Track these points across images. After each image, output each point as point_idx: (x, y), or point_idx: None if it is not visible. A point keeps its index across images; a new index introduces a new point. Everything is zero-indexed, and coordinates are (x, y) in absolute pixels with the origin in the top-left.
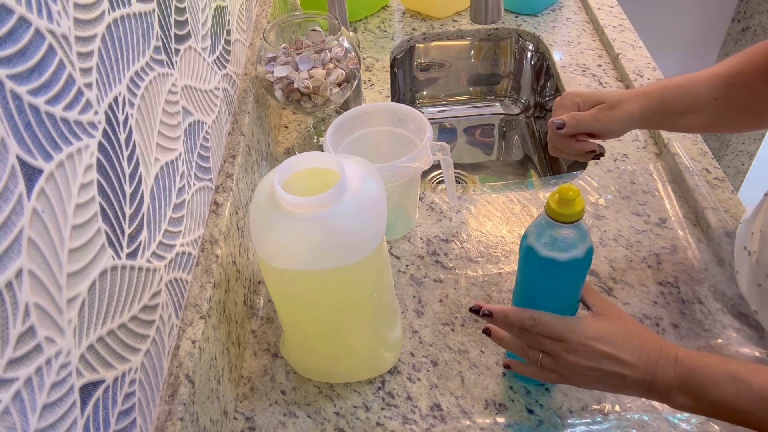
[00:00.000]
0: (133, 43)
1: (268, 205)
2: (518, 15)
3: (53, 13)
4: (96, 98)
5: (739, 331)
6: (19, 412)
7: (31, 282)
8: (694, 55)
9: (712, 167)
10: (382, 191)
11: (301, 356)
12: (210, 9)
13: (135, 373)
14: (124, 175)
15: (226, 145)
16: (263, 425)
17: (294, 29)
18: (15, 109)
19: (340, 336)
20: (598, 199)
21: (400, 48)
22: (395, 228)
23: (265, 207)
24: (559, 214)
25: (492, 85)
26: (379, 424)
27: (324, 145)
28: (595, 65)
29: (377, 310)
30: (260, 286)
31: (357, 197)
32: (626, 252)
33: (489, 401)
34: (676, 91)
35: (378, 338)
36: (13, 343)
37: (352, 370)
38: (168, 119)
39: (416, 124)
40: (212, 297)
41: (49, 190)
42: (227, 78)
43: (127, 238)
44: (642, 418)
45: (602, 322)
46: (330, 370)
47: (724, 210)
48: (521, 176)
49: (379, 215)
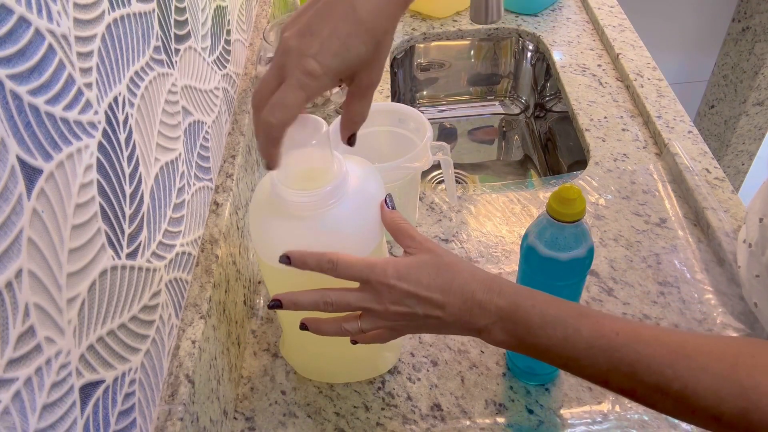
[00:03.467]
0: (133, 43)
1: (268, 205)
2: (518, 15)
3: (53, 13)
4: (96, 98)
5: (740, 331)
6: (18, 412)
7: (31, 282)
8: (694, 55)
9: (712, 167)
10: (382, 191)
11: (301, 356)
12: (210, 9)
13: (135, 373)
14: (124, 175)
15: (226, 145)
16: (263, 425)
17: None
18: (15, 109)
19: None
20: (598, 199)
21: (400, 48)
22: None
23: (265, 207)
24: (561, 214)
25: (492, 85)
26: (379, 424)
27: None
28: (595, 65)
29: None
30: (260, 286)
31: (357, 197)
32: (626, 252)
33: (489, 401)
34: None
35: None
36: (13, 343)
37: (352, 371)
38: (168, 119)
39: (416, 124)
40: (212, 297)
41: (48, 190)
42: (227, 78)
43: (127, 238)
44: (642, 418)
45: (406, 259)
46: (330, 371)
47: (724, 210)
48: (521, 176)
49: (379, 215)
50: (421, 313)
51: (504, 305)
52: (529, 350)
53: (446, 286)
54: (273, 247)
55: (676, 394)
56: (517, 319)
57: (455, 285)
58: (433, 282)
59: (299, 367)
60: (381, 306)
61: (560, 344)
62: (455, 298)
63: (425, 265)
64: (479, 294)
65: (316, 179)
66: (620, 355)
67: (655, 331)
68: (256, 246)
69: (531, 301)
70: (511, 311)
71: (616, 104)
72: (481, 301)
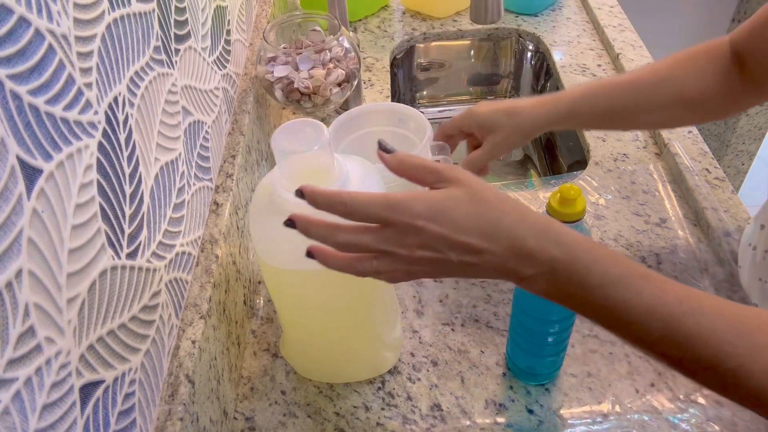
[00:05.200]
0: (133, 43)
1: (268, 205)
2: (518, 15)
3: (53, 13)
4: (96, 98)
5: None
6: (18, 412)
7: (31, 282)
8: None
9: (713, 167)
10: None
11: (302, 356)
12: (210, 9)
13: (135, 373)
14: (124, 175)
15: (226, 145)
16: (263, 425)
17: (294, 29)
18: (15, 109)
19: (341, 336)
20: (598, 199)
21: (400, 48)
22: None
23: (265, 207)
24: (561, 214)
25: (492, 85)
26: (379, 424)
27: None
28: (595, 65)
29: (377, 310)
30: (260, 286)
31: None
32: (626, 252)
33: (489, 401)
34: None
35: (378, 338)
36: (13, 343)
37: (353, 370)
38: (168, 119)
39: (416, 124)
40: (212, 297)
41: (48, 190)
42: (227, 78)
43: (127, 238)
44: (642, 419)
45: (436, 193)
46: (330, 370)
47: (725, 210)
48: (521, 176)
49: None
50: (455, 259)
51: (560, 257)
52: (575, 305)
53: (489, 229)
54: (273, 247)
55: (729, 372)
56: (571, 274)
57: (500, 229)
58: (473, 223)
59: (299, 367)
60: (405, 250)
61: (616, 306)
62: (498, 245)
63: (461, 201)
64: (530, 241)
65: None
66: (678, 325)
67: (716, 302)
68: (257, 246)
69: (591, 255)
70: (568, 264)
71: None
72: (532, 249)
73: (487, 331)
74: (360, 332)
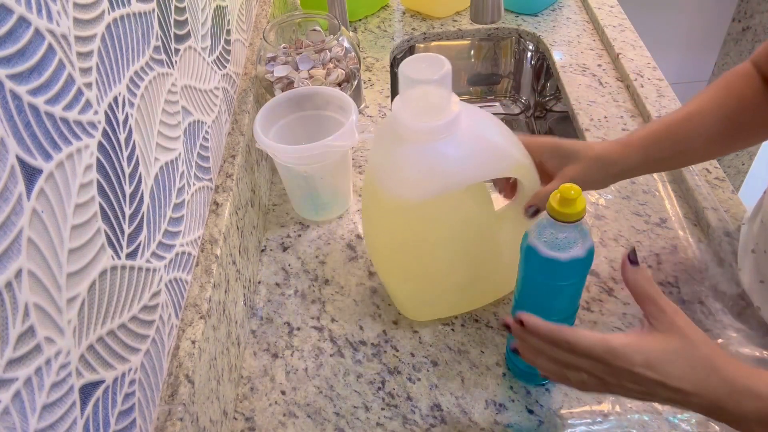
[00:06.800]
0: (133, 42)
1: (391, 135)
2: (518, 15)
3: (53, 12)
4: (96, 98)
5: (740, 331)
6: (18, 412)
7: (31, 282)
8: (694, 55)
9: (713, 167)
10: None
11: (425, 298)
12: (210, 9)
13: (135, 374)
14: (124, 175)
15: (226, 145)
16: (263, 425)
17: (294, 29)
18: (15, 109)
19: (467, 262)
20: (598, 199)
21: (400, 48)
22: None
23: (388, 138)
24: (561, 214)
25: (492, 85)
26: (379, 424)
27: (254, 132)
28: (595, 65)
29: (500, 229)
30: (260, 286)
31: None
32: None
33: (489, 401)
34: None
35: (501, 256)
36: (13, 343)
37: (478, 296)
38: (168, 119)
39: (342, 105)
40: (212, 297)
41: (48, 190)
42: (227, 78)
43: (126, 238)
44: (642, 419)
45: (655, 343)
46: (457, 301)
47: (725, 210)
48: None
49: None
50: (664, 396)
51: (763, 407)
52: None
53: (701, 383)
54: (400, 177)
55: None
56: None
57: (711, 383)
58: (686, 376)
59: (423, 312)
60: (616, 381)
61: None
62: (709, 394)
63: (678, 356)
64: (735, 396)
65: (433, 115)
66: None
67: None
68: (386, 187)
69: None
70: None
71: (617, 104)
72: (738, 402)
73: (487, 331)
74: (485, 254)
